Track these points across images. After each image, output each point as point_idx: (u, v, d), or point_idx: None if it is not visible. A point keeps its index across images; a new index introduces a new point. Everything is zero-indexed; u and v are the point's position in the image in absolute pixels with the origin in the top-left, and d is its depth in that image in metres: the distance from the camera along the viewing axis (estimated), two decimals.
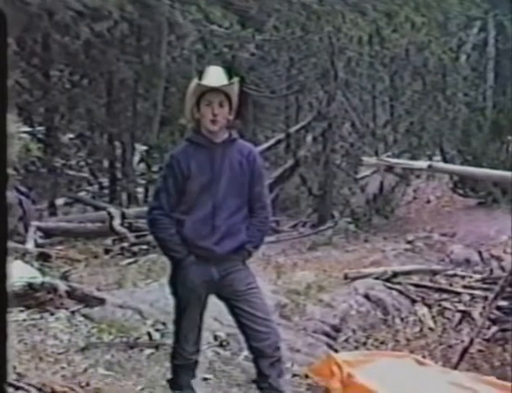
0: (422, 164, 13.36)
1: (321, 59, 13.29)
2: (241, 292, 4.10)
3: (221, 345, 5.84)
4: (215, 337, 5.97)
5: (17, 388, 4.05)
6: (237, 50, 13.42)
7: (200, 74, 4.07)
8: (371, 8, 13.00)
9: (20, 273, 6.21)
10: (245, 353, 5.73)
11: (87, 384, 4.66)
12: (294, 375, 5.53)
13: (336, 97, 13.04)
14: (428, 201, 14.95)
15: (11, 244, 1.28)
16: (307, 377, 5.19)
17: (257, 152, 4.35)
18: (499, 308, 7.68)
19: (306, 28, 13.37)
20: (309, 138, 13.91)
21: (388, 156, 13.83)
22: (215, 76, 4.04)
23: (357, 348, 6.84)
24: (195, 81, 4.07)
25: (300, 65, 14.14)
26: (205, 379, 5.09)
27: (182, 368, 4.27)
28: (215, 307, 4.36)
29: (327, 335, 6.97)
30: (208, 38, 13.25)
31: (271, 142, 15.20)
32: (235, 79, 4.09)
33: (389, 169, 13.27)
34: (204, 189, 4.02)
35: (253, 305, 4.11)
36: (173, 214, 4.06)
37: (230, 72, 4.10)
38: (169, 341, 5.62)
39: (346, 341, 7.04)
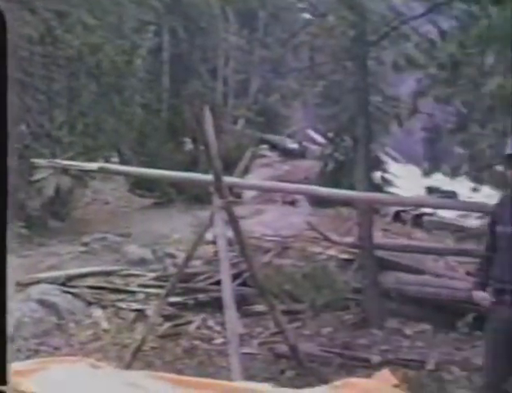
0: (93, 165, 13.34)
1: None
2: None
3: None
4: None
5: None
6: None
7: None
8: (42, 7, 12.68)
9: None
10: None
11: None
12: None
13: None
14: (107, 203, 15.06)
15: None
16: None
17: None
18: (173, 304, 7.96)
19: None
20: None
21: (66, 158, 13.60)
22: None
23: (29, 357, 6.64)
24: None
25: None
26: None
27: None
28: None
29: None
30: None
31: None
32: None
33: (65, 171, 13.06)
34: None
35: None
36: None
37: None
38: None
39: (18, 350, 6.81)
